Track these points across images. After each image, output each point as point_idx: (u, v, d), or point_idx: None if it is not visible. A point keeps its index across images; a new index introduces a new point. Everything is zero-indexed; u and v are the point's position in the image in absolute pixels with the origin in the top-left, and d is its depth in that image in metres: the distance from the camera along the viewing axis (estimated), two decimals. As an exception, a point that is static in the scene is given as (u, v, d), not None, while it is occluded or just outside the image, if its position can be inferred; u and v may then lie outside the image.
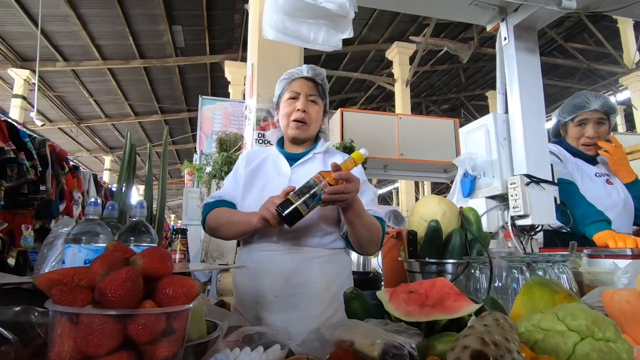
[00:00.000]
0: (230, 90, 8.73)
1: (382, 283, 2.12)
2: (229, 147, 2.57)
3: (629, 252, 1.13)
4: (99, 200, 0.96)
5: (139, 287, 0.39)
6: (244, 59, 8.74)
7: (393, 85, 9.23)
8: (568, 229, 1.51)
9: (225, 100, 4.32)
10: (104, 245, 0.92)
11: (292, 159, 1.38)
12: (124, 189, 1.10)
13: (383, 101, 12.24)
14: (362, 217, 1.15)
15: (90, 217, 0.94)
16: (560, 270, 1.02)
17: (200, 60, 8.96)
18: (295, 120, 1.34)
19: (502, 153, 1.45)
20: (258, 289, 1.25)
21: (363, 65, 9.99)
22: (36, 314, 0.44)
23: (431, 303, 0.65)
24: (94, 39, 7.69)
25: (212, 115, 3.89)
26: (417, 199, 13.57)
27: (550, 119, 1.97)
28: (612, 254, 1.16)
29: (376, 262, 3.98)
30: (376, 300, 0.75)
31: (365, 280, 1.98)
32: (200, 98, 4.12)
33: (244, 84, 8.81)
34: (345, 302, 0.75)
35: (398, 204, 10.08)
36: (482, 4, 1.47)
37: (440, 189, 17.48)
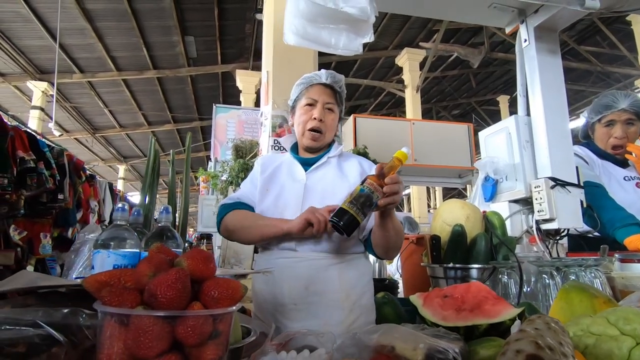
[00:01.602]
0: (241, 98, 8.84)
1: (399, 290, 2.10)
2: (245, 154, 2.59)
3: (664, 256, 1.09)
4: (126, 206, 0.97)
5: (187, 289, 0.39)
6: (255, 68, 8.85)
7: (403, 92, 9.22)
8: (596, 233, 1.47)
9: (239, 108, 4.36)
10: (133, 250, 0.93)
11: (306, 163, 1.38)
12: (147, 195, 1.11)
13: (393, 107, 12.23)
14: (394, 220, 1.13)
15: (118, 222, 0.95)
16: (593, 275, 0.99)
17: (212, 69, 9.10)
18: (311, 130, 1.32)
19: (525, 156, 1.43)
20: (277, 296, 1.24)
21: (373, 72, 10.01)
22: (84, 316, 0.44)
23: (468, 307, 0.63)
24: (109, 50, 7.87)
25: (226, 123, 3.92)
26: (429, 205, 13.44)
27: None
28: (646, 258, 1.13)
29: (391, 269, 3.94)
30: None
31: (381, 287, 1.95)
32: (214, 106, 4.17)
33: (255, 92, 8.94)
34: (377, 307, 0.74)
35: (410, 210, 9.99)
36: (501, 7, 1.46)
37: (452, 195, 17.30)
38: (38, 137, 4.06)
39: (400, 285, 2.29)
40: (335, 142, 1.44)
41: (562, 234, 1.40)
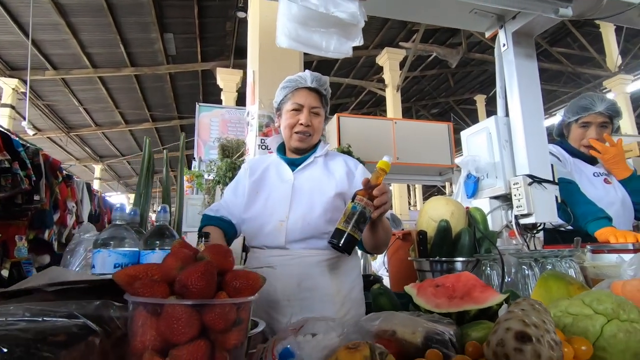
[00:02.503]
0: (222, 97, 8.75)
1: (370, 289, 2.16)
2: (232, 153, 2.59)
3: (630, 247, 1.19)
4: (125, 206, 0.98)
5: (215, 280, 0.42)
6: (236, 66, 8.79)
7: (384, 91, 9.35)
8: (569, 227, 1.57)
9: (223, 107, 4.34)
10: (132, 249, 0.95)
11: (293, 164, 1.41)
12: (142, 195, 1.12)
13: (374, 106, 12.38)
14: (384, 221, 1.18)
15: (117, 222, 0.96)
16: (568, 265, 1.07)
17: (191, 67, 8.97)
18: (298, 133, 1.36)
19: (504, 155, 1.51)
20: (270, 293, 1.27)
21: (354, 71, 10.10)
22: (114, 307, 0.46)
23: (459, 295, 0.69)
24: (84, 47, 7.65)
25: (209, 122, 3.90)
26: (409, 203, 13.67)
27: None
28: (615, 249, 1.22)
29: (375, 266, 4.03)
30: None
31: (366, 283, 2.01)
32: (197, 105, 4.13)
33: (237, 91, 8.88)
34: (373, 297, 0.79)
35: (391, 207, 10.16)
36: (482, 12, 1.53)
37: (432, 192, 17.65)
38: (12, 136, 3.92)
39: (386, 280, 2.36)
40: (321, 142, 1.48)
41: (539, 228, 1.49)
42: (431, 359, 0.47)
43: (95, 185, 13.35)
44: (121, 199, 16.38)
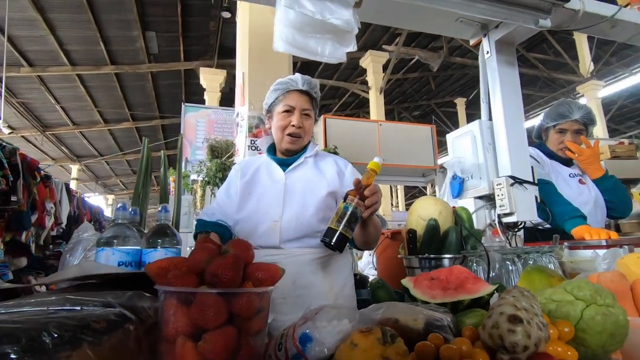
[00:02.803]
0: (205, 97, 8.68)
1: (369, 284, 2.23)
2: (221, 154, 2.60)
3: (604, 243, 1.28)
4: (127, 205, 1.00)
5: (241, 271, 0.45)
6: (219, 66, 8.73)
7: (367, 93, 9.47)
8: (547, 225, 1.66)
9: (209, 107, 4.32)
10: (135, 247, 0.97)
11: (284, 164, 1.45)
12: (141, 195, 1.14)
13: (357, 108, 12.49)
14: (374, 219, 1.23)
15: (120, 221, 0.98)
16: (548, 260, 1.15)
17: (174, 66, 8.85)
18: (290, 135, 1.39)
19: (488, 157, 1.59)
20: None
21: (338, 73, 10.18)
22: (145, 297, 0.49)
23: (453, 287, 0.74)
24: (62, 44, 7.45)
25: (195, 123, 3.88)
26: (391, 204, 13.83)
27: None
28: (589, 245, 1.31)
29: (361, 265, 4.09)
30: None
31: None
32: (183, 105, 4.10)
33: (220, 91, 8.82)
34: (372, 290, 0.84)
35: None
36: (467, 21, 1.60)
37: (413, 194, 17.94)
38: (-12, 135, 3.81)
39: (372, 279, 2.42)
40: (310, 143, 1.52)
41: (520, 226, 1.57)
42: (434, 342, 0.52)
43: (72, 186, 12.98)
44: (99, 201, 15.96)
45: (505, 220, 1.53)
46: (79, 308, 0.43)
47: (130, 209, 1.02)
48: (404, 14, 1.50)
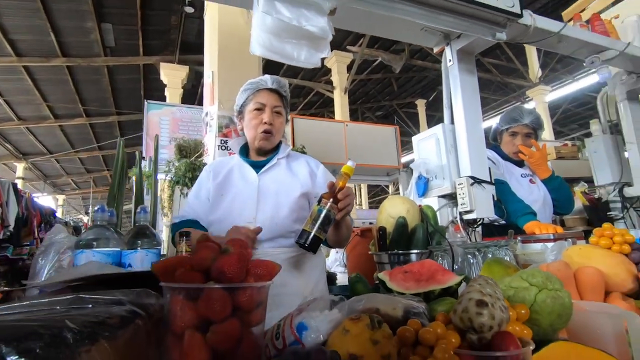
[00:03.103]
0: (166, 93, 8.40)
1: (337, 279, 2.32)
2: (189, 153, 2.56)
3: (551, 237, 1.43)
4: (106, 207, 0.99)
5: (245, 267, 0.49)
6: (181, 62, 8.48)
7: (332, 92, 9.58)
8: (502, 221, 1.81)
9: (174, 105, 4.21)
10: (115, 249, 0.97)
11: (257, 166, 1.48)
12: (116, 195, 1.13)
13: (321, 107, 12.59)
14: (346, 219, 1.29)
15: (99, 223, 0.98)
16: (504, 253, 1.26)
17: (132, 61, 8.49)
18: (263, 132, 1.43)
19: (450, 158, 1.70)
20: None
21: (302, 72, 10.21)
22: (151, 295, 0.51)
23: (425, 278, 0.82)
24: (7, 32, 6.94)
25: (159, 120, 3.77)
26: (356, 202, 14.06)
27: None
28: (539, 239, 1.45)
29: (328, 263, 4.17)
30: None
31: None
32: (145, 102, 3.97)
33: (182, 87, 8.58)
34: (351, 284, 0.90)
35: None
36: (431, 30, 1.71)
37: (376, 192, 18.35)
38: None
39: (340, 276, 2.51)
40: (282, 144, 1.55)
41: (479, 223, 1.70)
42: (413, 327, 0.59)
43: (18, 185, 12.09)
44: (48, 201, 14.96)
45: (466, 217, 1.65)
46: (90, 306, 0.46)
47: (107, 211, 1.02)
48: (374, 22, 1.58)
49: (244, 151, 1.52)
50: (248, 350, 0.49)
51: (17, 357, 0.35)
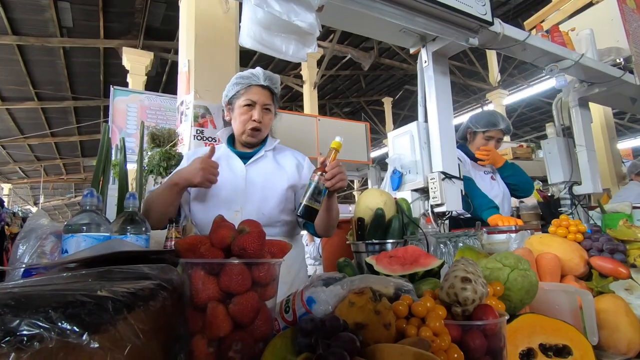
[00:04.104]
0: (129, 79, 8.03)
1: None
2: (163, 142, 2.50)
3: (514, 228, 1.56)
4: (94, 192, 0.99)
5: (264, 244, 0.53)
6: (145, 47, 8.14)
7: (301, 87, 9.60)
8: (467, 215, 1.94)
9: (142, 92, 4.05)
10: (105, 234, 0.97)
11: (244, 157, 1.50)
12: (101, 181, 1.12)
13: (290, 101, 12.56)
14: (336, 201, 1.35)
15: (87, 207, 0.97)
16: (473, 242, 1.37)
17: (92, 43, 8.02)
18: (251, 129, 1.45)
19: (424, 154, 1.81)
20: None
21: (272, 65, 10.12)
22: (172, 270, 0.54)
23: (409, 262, 0.89)
24: (-53, 5, 6.36)
25: (126, 108, 3.62)
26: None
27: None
28: (502, 230, 1.59)
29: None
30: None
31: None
32: (111, 88, 3.79)
33: (146, 74, 8.24)
34: (339, 268, 0.95)
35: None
36: (408, 32, 1.79)
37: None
38: None
39: (310, 268, 2.57)
40: (269, 137, 1.59)
41: (447, 216, 1.82)
42: (406, 301, 0.65)
43: (-42, 172, 11.15)
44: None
45: (436, 210, 1.76)
46: (119, 279, 0.48)
47: (96, 196, 1.01)
48: (356, 21, 1.64)
49: (231, 141, 1.53)
50: (263, 322, 0.54)
51: (65, 322, 0.37)
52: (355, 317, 0.56)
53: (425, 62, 1.84)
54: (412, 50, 1.93)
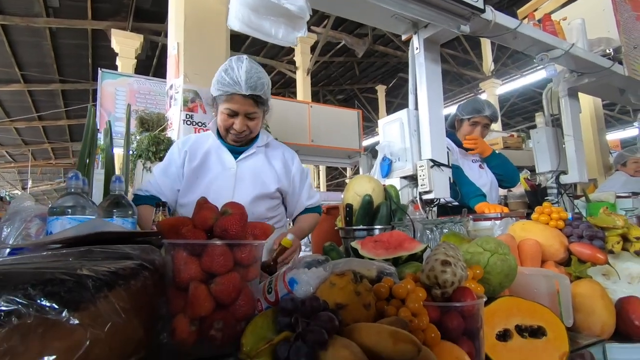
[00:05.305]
0: (118, 62, 7.87)
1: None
2: (152, 127, 2.47)
3: (499, 215, 1.59)
4: (80, 175, 0.98)
5: (246, 226, 0.54)
6: (135, 30, 7.95)
7: (294, 73, 9.50)
8: (455, 202, 1.96)
9: (131, 75, 3.98)
10: (91, 217, 0.96)
11: (235, 151, 1.49)
12: (87, 164, 1.11)
13: (283, 87, 12.44)
14: (306, 232, 1.50)
15: (73, 190, 0.97)
16: (459, 229, 1.40)
17: (79, 24, 7.81)
18: (233, 135, 1.43)
19: (413, 142, 1.81)
20: None
21: (265, 50, 9.98)
22: (154, 251, 0.54)
23: (393, 246, 0.91)
24: None
25: (114, 91, 3.56)
26: (313, 184, 14.20)
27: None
28: (488, 217, 1.61)
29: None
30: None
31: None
32: (99, 71, 3.72)
33: (136, 57, 8.07)
34: (325, 252, 0.97)
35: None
36: (400, 18, 1.78)
37: (334, 175, 18.62)
38: None
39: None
40: (261, 132, 1.56)
41: (435, 203, 1.84)
42: (387, 283, 0.67)
43: (-57, 155, 10.92)
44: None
45: (425, 197, 1.78)
46: (100, 258, 0.48)
47: (81, 178, 1.00)
48: (347, 5, 1.62)
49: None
50: (245, 302, 0.54)
51: (44, 299, 0.38)
52: (335, 297, 0.58)
53: (417, 49, 1.83)
54: (404, 37, 1.91)
